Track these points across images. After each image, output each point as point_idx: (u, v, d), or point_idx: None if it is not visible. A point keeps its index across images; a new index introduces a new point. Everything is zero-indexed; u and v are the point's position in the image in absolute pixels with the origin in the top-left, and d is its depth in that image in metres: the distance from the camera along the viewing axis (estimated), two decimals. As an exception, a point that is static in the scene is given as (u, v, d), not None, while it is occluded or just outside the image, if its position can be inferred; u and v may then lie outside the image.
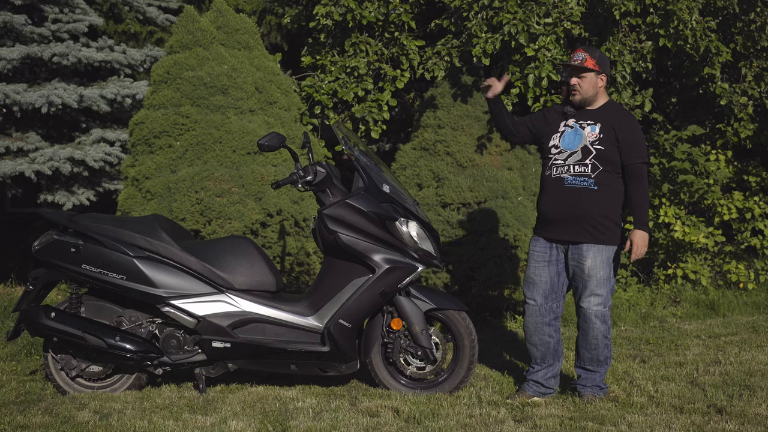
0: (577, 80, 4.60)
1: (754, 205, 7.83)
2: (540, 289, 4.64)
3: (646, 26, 6.78)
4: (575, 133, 4.60)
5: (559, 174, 4.57)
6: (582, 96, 4.61)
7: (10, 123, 8.03)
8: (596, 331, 4.54)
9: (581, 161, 4.53)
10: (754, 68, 7.38)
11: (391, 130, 9.53)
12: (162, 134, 6.02)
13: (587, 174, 4.52)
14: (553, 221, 4.60)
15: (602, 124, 4.56)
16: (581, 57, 4.59)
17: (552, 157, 4.63)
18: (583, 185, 4.51)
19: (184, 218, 5.79)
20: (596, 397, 4.58)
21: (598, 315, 4.53)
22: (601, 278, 4.51)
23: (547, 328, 4.65)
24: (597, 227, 4.51)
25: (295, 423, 4.14)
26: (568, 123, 4.65)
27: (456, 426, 4.10)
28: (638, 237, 4.48)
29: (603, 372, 4.65)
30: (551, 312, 4.66)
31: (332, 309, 4.67)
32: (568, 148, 4.58)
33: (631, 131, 4.57)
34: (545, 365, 4.68)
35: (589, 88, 4.60)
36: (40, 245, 4.80)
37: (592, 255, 4.51)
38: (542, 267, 4.64)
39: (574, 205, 4.52)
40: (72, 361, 4.78)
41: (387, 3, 7.15)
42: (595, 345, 4.57)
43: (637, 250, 4.48)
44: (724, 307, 7.18)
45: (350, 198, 4.68)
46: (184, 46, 6.25)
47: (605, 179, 4.52)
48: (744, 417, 4.17)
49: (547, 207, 4.63)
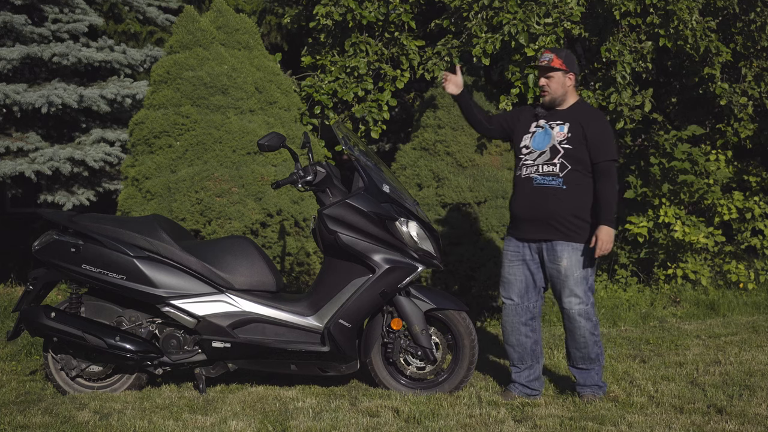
0: (545, 81, 4.65)
1: (754, 205, 7.83)
2: (515, 288, 4.68)
3: (646, 26, 6.78)
4: (545, 134, 4.64)
5: (528, 174, 4.62)
6: (551, 96, 4.66)
7: (10, 123, 8.03)
8: (582, 329, 4.57)
9: (549, 161, 4.58)
10: (754, 68, 7.38)
11: (391, 130, 9.53)
12: (162, 134, 6.02)
13: (555, 173, 4.55)
14: (523, 221, 4.65)
15: (571, 123, 4.61)
16: (548, 57, 4.65)
17: (522, 158, 4.68)
18: (551, 184, 4.55)
19: (184, 218, 5.79)
20: (596, 397, 4.58)
21: (581, 314, 4.56)
22: (578, 277, 4.54)
23: (523, 328, 4.67)
24: (567, 226, 4.54)
25: (295, 423, 4.14)
26: (539, 123, 4.70)
27: (456, 426, 4.10)
28: (603, 233, 4.49)
29: (598, 369, 4.65)
30: (528, 311, 4.68)
31: (332, 309, 4.68)
32: (537, 148, 4.63)
33: (600, 130, 4.61)
34: (525, 366, 4.69)
35: (557, 87, 4.65)
36: (40, 245, 4.80)
37: (567, 254, 4.54)
38: (516, 266, 4.67)
39: (542, 204, 4.56)
40: (72, 361, 4.78)
41: (387, 3, 7.15)
42: (584, 344, 4.60)
43: (602, 245, 4.49)
44: (724, 307, 7.18)
45: (350, 198, 4.68)
46: (184, 46, 6.25)
47: (574, 178, 4.55)
48: (744, 417, 4.17)
49: (517, 207, 4.68)
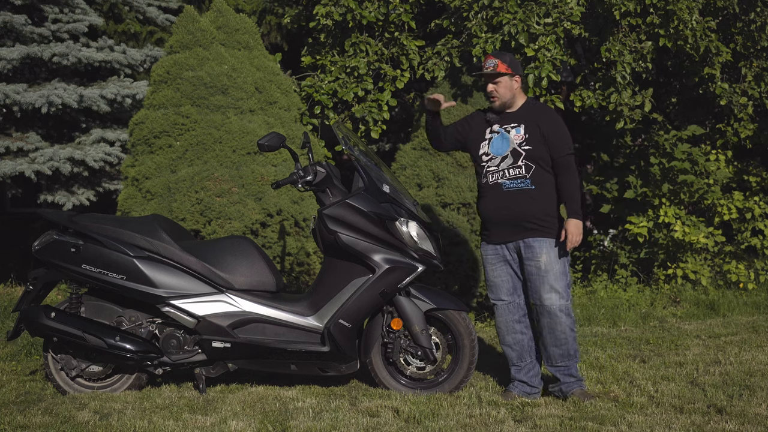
0: (493, 86, 4.70)
1: (754, 205, 7.83)
2: (503, 288, 4.74)
3: (646, 26, 6.78)
4: (502, 138, 4.70)
5: (496, 180, 4.67)
6: (501, 100, 4.71)
7: (10, 123, 8.03)
8: (563, 325, 4.60)
9: (514, 164, 4.63)
10: (754, 68, 7.38)
11: (391, 130, 9.53)
12: (162, 134, 6.02)
13: (523, 175, 4.62)
14: (497, 224, 4.70)
15: (525, 124, 4.67)
16: (492, 63, 4.69)
17: (485, 165, 4.72)
18: (521, 187, 4.62)
19: (184, 218, 5.79)
20: (585, 392, 4.61)
21: (562, 309, 4.60)
22: (557, 272, 4.59)
23: (518, 326, 4.73)
24: (541, 224, 4.61)
25: (295, 423, 4.14)
26: (493, 129, 4.75)
27: (456, 426, 4.10)
28: (572, 225, 4.56)
29: (575, 364, 4.69)
30: (519, 308, 4.74)
31: (332, 309, 4.68)
32: (497, 153, 4.68)
33: (554, 125, 4.68)
34: (524, 364, 4.73)
35: (505, 91, 4.70)
36: (40, 245, 4.80)
37: (545, 250, 4.60)
38: (499, 267, 4.73)
39: (515, 207, 4.62)
40: (72, 361, 4.78)
41: (387, 3, 7.15)
42: (564, 340, 4.62)
43: (572, 238, 4.56)
44: (724, 307, 7.18)
45: (350, 198, 4.68)
46: (184, 46, 6.25)
47: (540, 177, 4.62)
48: (744, 417, 4.16)
49: (489, 213, 4.72)
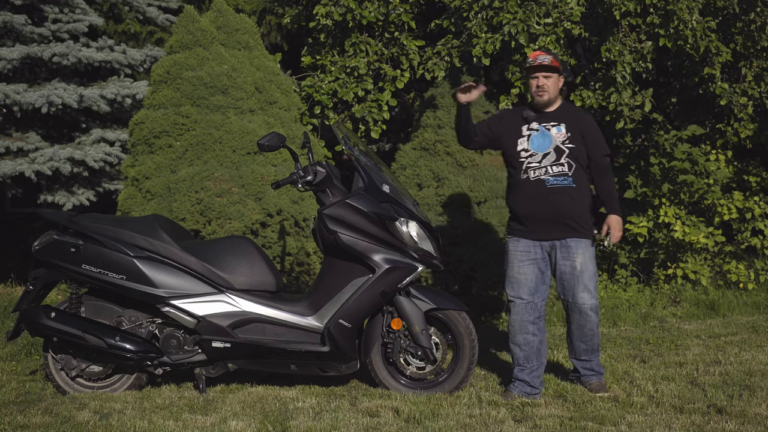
0: (544, 80, 4.72)
1: (754, 205, 7.83)
2: (525, 287, 4.73)
3: (646, 26, 6.77)
4: (543, 135, 4.72)
5: (538, 176, 4.68)
6: (548, 95, 4.73)
7: (10, 123, 8.03)
8: (592, 323, 4.73)
9: (557, 161, 4.67)
10: (754, 68, 7.38)
11: (391, 130, 9.53)
12: (162, 134, 6.02)
13: (566, 173, 4.67)
14: (538, 222, 4.70)
15: (566, 123, 4.73)
16: (547, 59, 4.71)
17: (524, 160, 4.73)
18: (563, 184, 4.66)
19: (184, 218, 5.79)
20: (602, 383, 4.74)
21: (592, 308, 4.72)
22: (591, 272, 4.70)
23: (531, 327, 4.73)
24: (580, 223, 4.69)
25: (295, 423, 4.14)
26: (531, 127, 4.76)
27: (456, 426, 4.10)
28: (614, 221, 4.72)
29: (598, 357, 4.86)
30: (536, 310, 4.74)
31: (332, 309, 4.68)
32: (539, 150, 4.71)
33: (593, 128, 4.80)
34: (529, 366, 4.74)
35: (554, 88, 4.74)
36: (40, 245, 4.80)
37: (581, 251, 4.67)
38: (527, 266, 4.73)
39: (558, 204, 4.66)
40: (72, 361, 4.78)
41: (387, 3, 7.15)
42: (590, 336, 4.76)
43: (615, 233, 4.72)
44: (724, 307, 7.18)
45: (350, 198, 4.68)
46: (184, 46, 6.25)
47: (579, 176, 4.70)
48: (744, 417, 4.16)
49: (529, 209, 4.72)
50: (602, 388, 4.73)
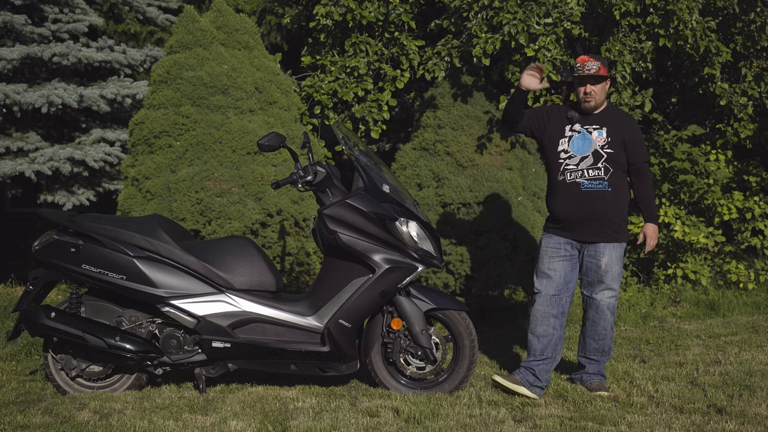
0: (592, 88, 4.73)
1: (754, 205, 7.83)
2: (554, 282, 4.79)
3: (646, 26, 6.77)
4: (583, 138, 4.76)
5: (574, 179, 4.74)
6: (596, 102, 4.77)
7: (10, 123, 8.03)
8: (606, 322, 4.79)
9: (594, 165, 4.72)
10: (754, 68, 7.38)
11: (391, 130, 9.52)
12: (162, 134, 6.02)
13: (602, 177, 4.71)
14: (572, 223, 4.77)
15: (608, 127, 4.75)
16: (595, 66, 4.70)
17: (563, 162, 4.77)
18: (598, 188, 4.71)
19: (184, 218, 5.79)
20: (603, 386, 4.75)
21: (610, 307, 4.78)
22: (615, 273, 4.76)
23: (553, 320, 4.78)
24: (613, 227, 4.74)
25: (295, 423, 4.14)
26: (574, 128, 4.80)
27: (456, 426, 4.10)
28: (651, 230, 4.83)
29: (605, 361, 4.89)
30: (560, 305, 4.79)
31: (332, 309, 4.68)
32: (578, 153, 4.75)
33: (635, 133, 4.83)
34: (542, 358, 4.76)
35: (602, 94, 4.78)
36: (40, 245, 4.80)
37: (608, 252, 4.74)
38: (557, 262, 4.79)
39: (592, 208, 4.71)
40: (72, 361, 4.78)
41: (387, 3, 7.15)
42: (603, 335, 4.81)
43: (651, 242, 4.83)
44: (724, 307, 7.18)
45: (350, 198, 4.68)
46: (184, 46, 6.25)
47: (616, 180, 4.73)
48: (744, 417, 4.17)
49: (565, 211, 4.78)
50: (602, 388, 4.75)
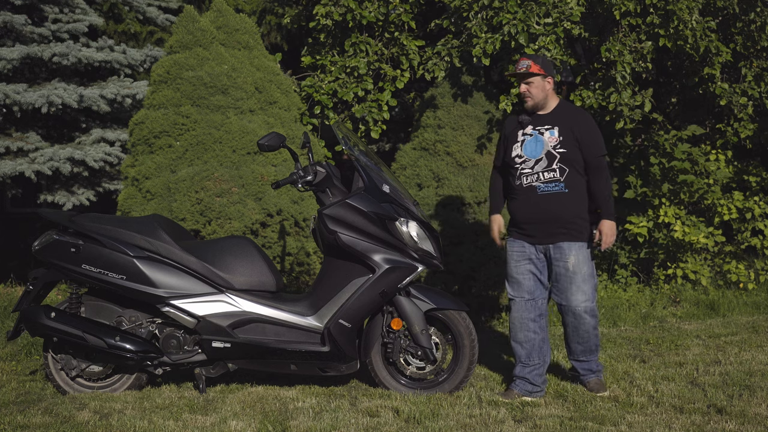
0: (526, 87, 4.77)
1: (754, 205, 7.83)
2: (524, 286, 4.78)
3: (646, 26, 6.77)
4: (536, 140, 4.74)
5: (530, 183, 4.71)
6: (534, 101, 4.78)
7: (10, 123, 8.03)
8: (587, 325, 4.72)
9: (549, 167, 4.68)
10: (754, 68, 7.38)
11: (391, 130, 9.53)
12: (162, 134, 6.02)
13: (557, 179, 4.67)
14: (532, 227, 4.75)
15: (560, 126, 4.72)
16: (526, 64, 4.76)
17: (518, 167, 4.75)
18: (554, 190, 4.67)
19: (184, 218, 5.79)
20: (601, 382, 4.75)
21: (587, 311, 4.70)
22: (585, 274, 4.68)
23: (532, 324, 4.76)
24: (572, 227, 4.68)
25: (295, 423, 4.14)
26: (525, 131, 4.79)
27: (456, 426, 4.10)
28: (607, 227, 4.68)
29: (595, 357, 4.85)
30: (536, 308, 4.77)
31: (332, 309, 4.68)
32: (532, 156, 4.72)
33: (587, 128, 4.74)
34: (531, 364, 4.74)
35: (538, 92, 4.76)
36: (40, 245, 4.80)
37: (574, 253, 4.67)
38: (524, 265, 4.78)
39: (548, 211, 4.68)
40: (72, 361, 4.78)
41: (387, 3, 7.15)
42: (586, 338, 4.76)
43: (606, 239, 4.67)
44: (724, 307, 7.18)
45: (350, 198, 4.68)
46: (184, 46, 6.25)
47: (573, 180, 4.68)
48: (744, 417, 4.17)
49: (522, 215, 4.78)
50: (601, 386, 4.74)
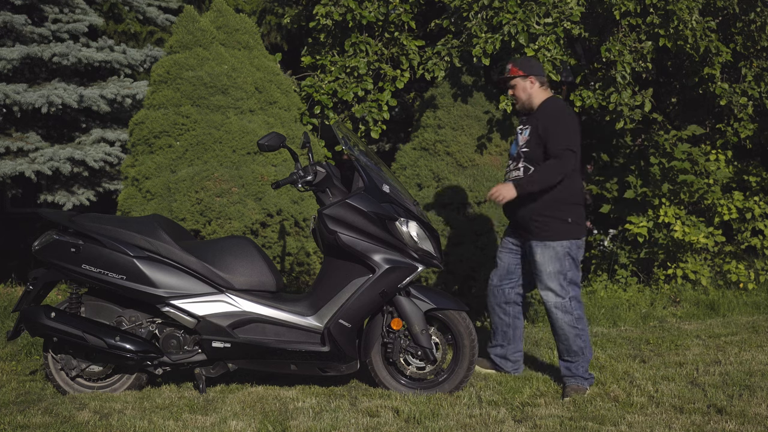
0: (511, 91, 4.92)
1: (754, 205, 7.83)
2: (498, 271, 5.04)
3: (646, 26, 6.77)
4: (516, 140, 4.92)
5: (507, 180, 4.90)
6: (519, 102, 4.91)
7: (10, 123, 8.03)
8: (560, 321, 4.78)
9: (516, 167, 4.85)
10: (754, 68, 7.38)
11: (391, 130, 9.54)
12: (162, 134, 6.02)
13: (519, 177, 4.80)
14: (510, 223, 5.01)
15: (531, 126, 4.83)
16: (507, 69, 4.91)
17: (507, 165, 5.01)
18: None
19: (184, 218, 5.79)
20: (579, 388, 4.67)
21: (557, 306, 4.78)
22: (550, 272, 4.76)
23: (497, 309, 5.00)
24: (533, 225, 4.79)
25: (295, 423, 4.14)
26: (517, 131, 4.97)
27: (456, 426, 4.10)
28: (504, 188, 4.73)
29: (583, 362, 4.78)
30: (503, 295, 4.99)
31: (332, 309, 4.68)
32: (511, 155, 4.93)
33: (549, 121, 4.74)
34: (496, 344, 5.04)
35: (521, 93, 4.88)
36: (40, 245, 4.80)
37: (539, 251, 4.78)
38: (504, 252, 5.04)
39: (511, 209, 4.86)
40: (72, 361, 4.78)
41: (387, 3, 7.14)
42: (564, 336, 4.79)
43: (495, 192, 4.73)
44: (724, 307, 7.18)
45: (350, 198, 4.68)
46: (184, 46, 6.25)
47: None
48: (744, 417, 4.17)
49: (504, 212, 5.03)
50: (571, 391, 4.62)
